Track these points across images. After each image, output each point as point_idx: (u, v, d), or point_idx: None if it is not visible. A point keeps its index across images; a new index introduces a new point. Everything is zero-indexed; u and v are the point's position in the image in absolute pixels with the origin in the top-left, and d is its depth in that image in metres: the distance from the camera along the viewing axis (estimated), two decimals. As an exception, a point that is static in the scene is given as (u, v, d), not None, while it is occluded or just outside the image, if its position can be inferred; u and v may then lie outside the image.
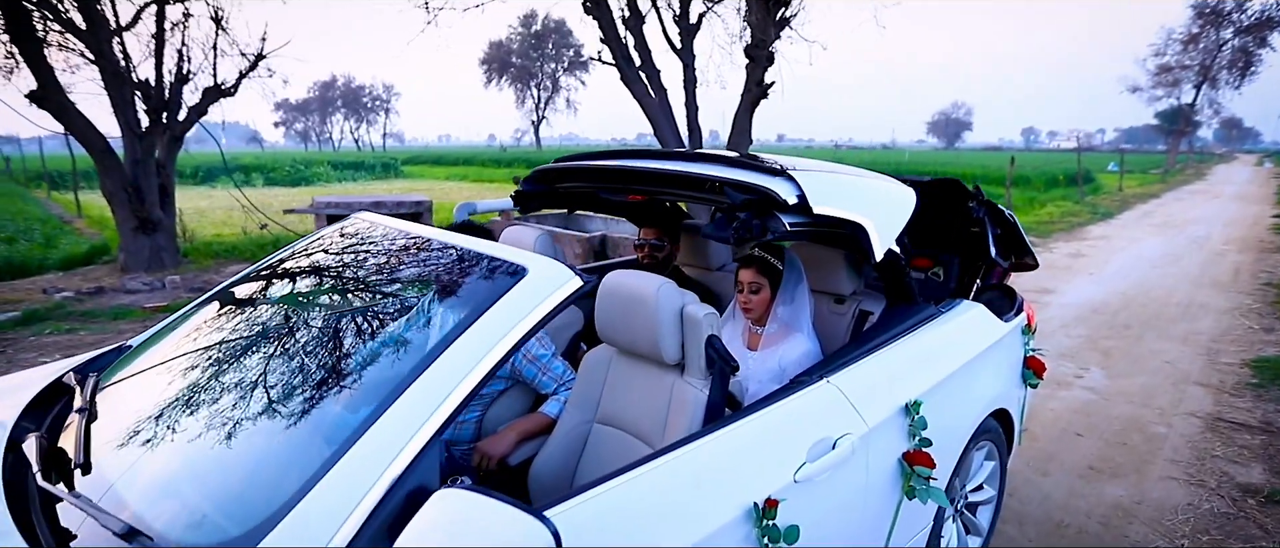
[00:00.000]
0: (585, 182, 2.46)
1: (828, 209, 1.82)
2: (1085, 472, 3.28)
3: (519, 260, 1.35)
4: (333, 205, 8.46)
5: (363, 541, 0.98)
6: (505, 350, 1.20)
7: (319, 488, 1.00)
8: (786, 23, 7.86)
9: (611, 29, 7.63)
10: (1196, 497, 3.06)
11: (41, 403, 1.63)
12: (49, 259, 8.75)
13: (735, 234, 1.75)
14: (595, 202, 2.76)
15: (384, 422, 1.08)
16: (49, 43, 7.58)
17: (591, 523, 1.21)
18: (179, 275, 7.83)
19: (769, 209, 1.78)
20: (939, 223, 2.53)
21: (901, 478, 1.83)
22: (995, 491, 2.54)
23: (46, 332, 5.76)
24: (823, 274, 2.42)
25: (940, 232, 2.58)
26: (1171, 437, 3.67)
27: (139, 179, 8.01)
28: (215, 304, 1.76)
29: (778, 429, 1.58)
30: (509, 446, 1.99)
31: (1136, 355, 5.02)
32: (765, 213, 1.77)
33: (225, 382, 1.35)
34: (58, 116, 7.44)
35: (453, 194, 19.27)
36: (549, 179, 2.56)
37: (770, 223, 1.75)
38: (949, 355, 2.14)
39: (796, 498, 1.47)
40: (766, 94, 7.86)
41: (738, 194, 1.81)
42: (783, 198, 1.77)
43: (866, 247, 1.88)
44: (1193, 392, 4.31)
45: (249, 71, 8.91)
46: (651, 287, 1.66)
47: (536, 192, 2.60)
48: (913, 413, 1.84)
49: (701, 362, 1.67)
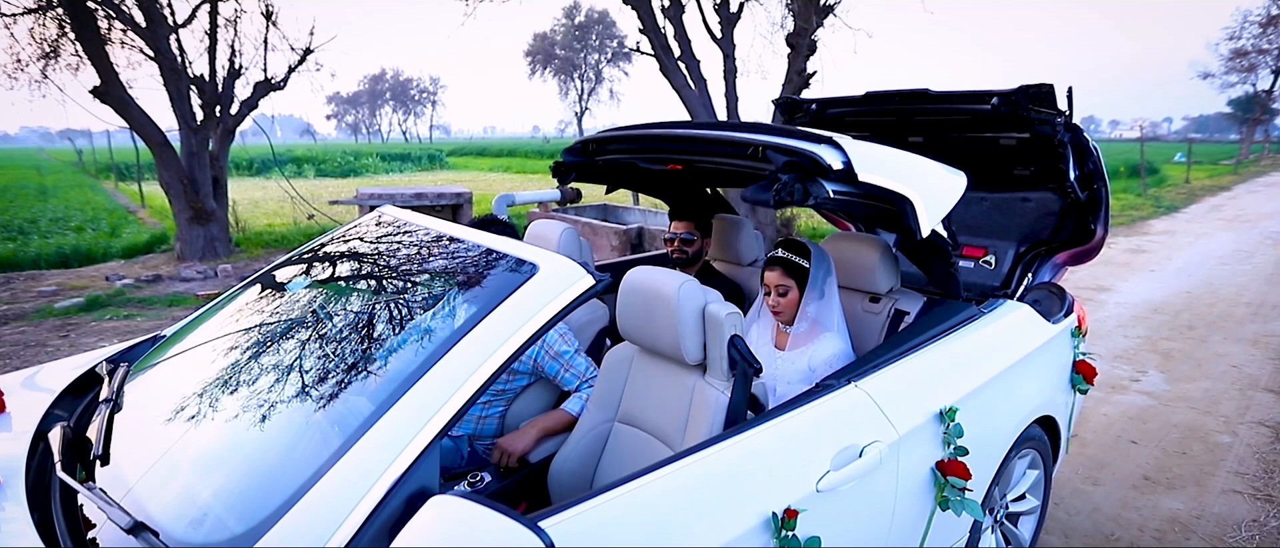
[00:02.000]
0: (624, 149, 2.43)
1: (874, 178, 1.75)
2: (1140, 482, 3.11)
3: (531, 257, 1.32)
4: (375, 197, 8.63)
5: (362, 541, 0.97)
6: (513, 349, 1.16)
7: (319, 487, 0.99)
8: (830, 10, 7.64)
9: (651, 19, 7.55)
10: (1263, 513, 2.86)
11: (78, 391, 1.68)
12: (113, 247, 9.18)
13: (775, 196, 1.68)
14: (633, 175, 2.72)
15: (386, 421, 1.06)
16: (111, 40, 7.91)
17: (605, 528, 1.17)
18: (230, 264, 8.11)
19: (813, 174, 1.72)
20: (1012, 152, 2.38)
21: (934, 488, 1.74)
22: (1038, 501, 2.42)
23: (107, 317, 6.04)
24: (857, 271, 2.32)
25: (1012, 156, 2.42)
26: (1237, 447, 3.44)
27: (194, 171, 8.31)
28: (238, 298, 1.78)
29: (801, 435, 1.51)
30: (529, 443, 1.97)
31: (1200, 358, 4.74)
32: (808, 178, 1.71)
33: (237, 377, 1.36)
34: (118, 111, 7.77)
35: (495, 185, 19.51)
36: (588, 151, 2.55)
37: (812, 187, 1.69)
38: (989, 359, 2.03)
39: (818, 508, 1.41)
40: (808, 83, 7.67)
41: (780, 157, 1.75)
42: (827, 163, 1.70)
43: (912, 222, 1.79)
44: (1262, 399, 4.04)
45: (298, 66, 9.14)
46: (673, 285, 1.61)
47: (575, 163, 2.60)
48: (947, 420, 1.75)
49: (724, 363, 1.62)
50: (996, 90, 2.39)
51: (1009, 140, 2.48)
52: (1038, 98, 2.34)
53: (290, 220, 11.33)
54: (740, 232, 2.83)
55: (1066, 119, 2.35)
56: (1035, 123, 2.31)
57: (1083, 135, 2.37)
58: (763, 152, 1.81)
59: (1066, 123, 2.34)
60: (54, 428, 1.36)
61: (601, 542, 1.15)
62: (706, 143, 2.05)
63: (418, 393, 1.09)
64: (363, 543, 0.97)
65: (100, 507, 1.07)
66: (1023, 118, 2.30)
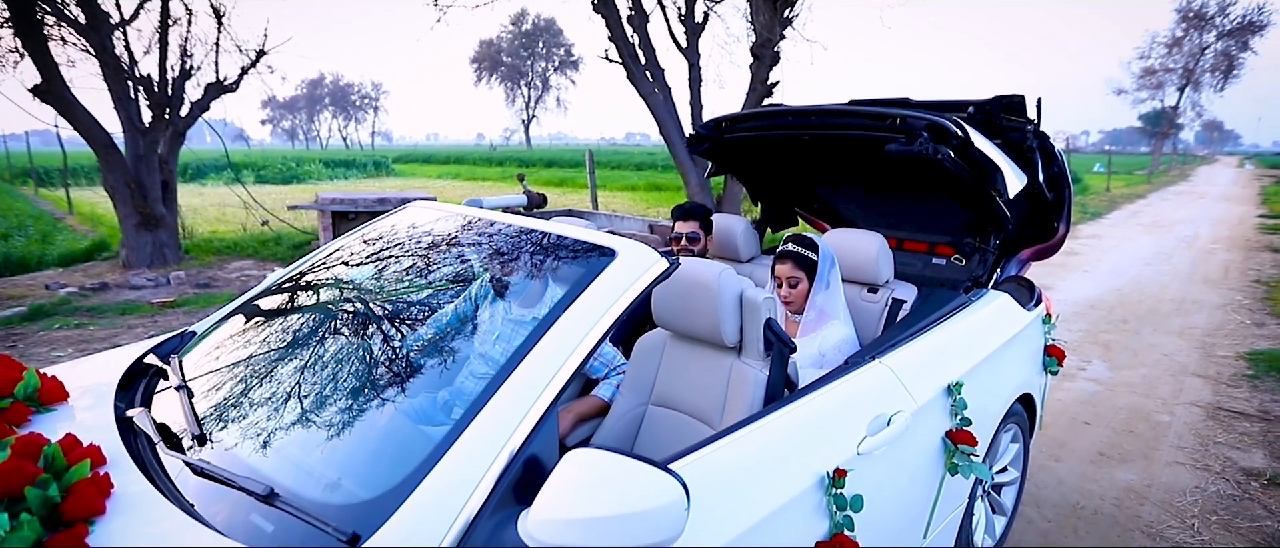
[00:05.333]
0: (756, 128, 2.80)
1: (983, 148, 2.23)
2: (1096, 458, 3.41)
3: (609, 244, 1.43)
4: (337, 201, 8.48)
5: (494, 501, 1.06)
6: (604, 329, 1.27)
7: (451, 453, 1.07)
8: (789, 23, 7.97)
9: (619, 27, 7.70)
10: (1203, 480, 3.19)
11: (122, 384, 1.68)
12: (47, 256, 8.70)
13: (918, 148, 2.19)
14: (752, 163, 3.07)
15: (500, 396, 1.15)
16: (52, 37, 7.54)
17: (703, 479, 1.28)
18: (183, 271, 7.81)
19: (944, 137, 2.20)
20: None
21: (944, 455, 1.92)
22: (1018, 473, 2.65)
23: (56, 327, 5.75)
24: (857, 264, 2.51)
25: None
26: (1175, 425, 3.80)
27: (141, 175, 7.98)
28: (284, 290, 1.82)
29: (839, 406, 1.67)
30: (566, 428, 2.06)
31: (1136, 349, 5.17)
32: (940, 140, 2.19)
33: (333, 360, 1.41)
34: (61, 111, 7.41)
35: (449, 192, 19.26)
36: (720, 127, 2.87)
37: (941, 147, 2.19)
38: (982, 341, 2.24)
39: (860, 469, 1.56)
40: (771, 93, 7.96)
41: (921, 123, 2.24)
42: (952, 130, 2.18)
43: (1000, 185, 2.26)
44: (1192, 383, 4.46)
45: (251, 67, 8.90)
46: (713, 273, 1.74)
47: (708, 136, 2.93)
48: (955, 394, 1.94)
49: (759, 344, 1.76)
50: (972, 100, 2.62)
51: None
52: (1010, 107, 2.58)
53: (236, 226, 10.95)
54: (740, 231, 2.98)
55: (1035, 126, 2.59)
56: (1006, 130, 2.55)
57: (1049, 141, 2.62)
58: (902, 121, 2.32)
59: (1035, 130, 2.58)
60: (137, 413, 1.39)
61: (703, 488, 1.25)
62: (841, 115, 2.53)
63: (526, 370, 1.18)
64: (494, 503, 1.06)
65: (227, 481, 1.12)
66: (995, 125, 2.53)
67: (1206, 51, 32.20)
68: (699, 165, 8.26)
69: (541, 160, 34.48)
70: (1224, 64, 32.09)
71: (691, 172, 8.35)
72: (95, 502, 1.09)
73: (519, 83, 63.76)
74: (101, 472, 1.16)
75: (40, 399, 1.47)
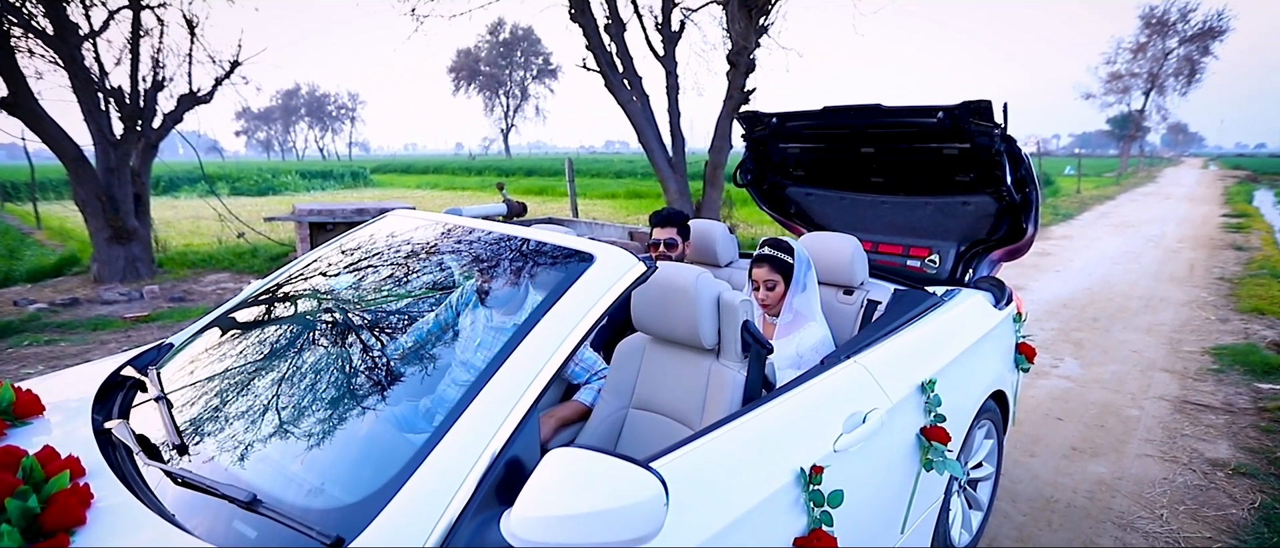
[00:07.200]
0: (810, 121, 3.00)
1: None
2: (1068, 452, 3.49)
3: (586, 249, 1.45)
4: (315, 213, 8.38)
5: (476, 501, 1.08)
6: (584, 331, 1.29)
7: (433, 456, 1.09)
8: (765, 31, 8.07)
9: (596, 36, 7.75)
10: (1171, 472, 3.28)
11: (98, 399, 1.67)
12: (15, 271, 8.51)
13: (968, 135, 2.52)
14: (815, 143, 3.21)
15: (481, 400, 1.16)
16: (19, 49, 7.41)
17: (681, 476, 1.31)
18: (157, 285, 7.69)
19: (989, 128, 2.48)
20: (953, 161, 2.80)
21: (919, 451, 1.97)
22: (993, 468, 2.71)
23: (25, 343, 5.63)
24: (832, 267, 2.56)
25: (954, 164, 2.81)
26: (1144, 419, 3.90)
27: (113, 188, 7.86)
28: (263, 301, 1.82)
29: (816, 404, 1.71)
30: (548, 432, 2.08)
31: (1106, 346, 5.30)
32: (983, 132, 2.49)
33: (313, 369, 1.42)
34: (29, 124, 7.28)
35: (428, 202, 19.15)
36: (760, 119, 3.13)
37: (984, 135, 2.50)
38: (955, 339, 2.30)
39: (837, 466, 1.60)
40: (748, 100, 8.05)
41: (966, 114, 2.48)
42: (996, 118, 2.47)
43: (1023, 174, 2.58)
44: (1160, 378, 4.58)
45: (225, 78, 8.80)
46: (690, 277, 1.78)
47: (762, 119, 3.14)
48: (928, 391, 1.99)
49: (737, 346, 1.79)
50: (942, 105, 2.69)
51: (951, 150, 2.79)
52: (977, 112, 2.66)
53: (211, 239, 10.79)
54: (718, 236, 3.02)
55: (1002, 131, 2.67)
56: (975, 134, 2.62)
57: (1016, 145, 2.70)
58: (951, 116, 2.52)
59: (1002, 134, 2.66)
60: (116, 425, 1.38)
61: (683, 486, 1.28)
62: (889, 111, 2.72)
63: (506, 374, 1.20)
64: (477, 504, 1.08)
65: (209, 489, 1.12)
66: (964, 130, 2.61)
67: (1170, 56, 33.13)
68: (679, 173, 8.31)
69: (521, 169, 34.39)
70: (1187, 68, 33.04)
71: (670, 179, 8.41)
72: (76, 512, 1.09)
73: (497, 92, 63.65)
74: (81, 483, 1.16)
75: (15, 413, 1.46)
